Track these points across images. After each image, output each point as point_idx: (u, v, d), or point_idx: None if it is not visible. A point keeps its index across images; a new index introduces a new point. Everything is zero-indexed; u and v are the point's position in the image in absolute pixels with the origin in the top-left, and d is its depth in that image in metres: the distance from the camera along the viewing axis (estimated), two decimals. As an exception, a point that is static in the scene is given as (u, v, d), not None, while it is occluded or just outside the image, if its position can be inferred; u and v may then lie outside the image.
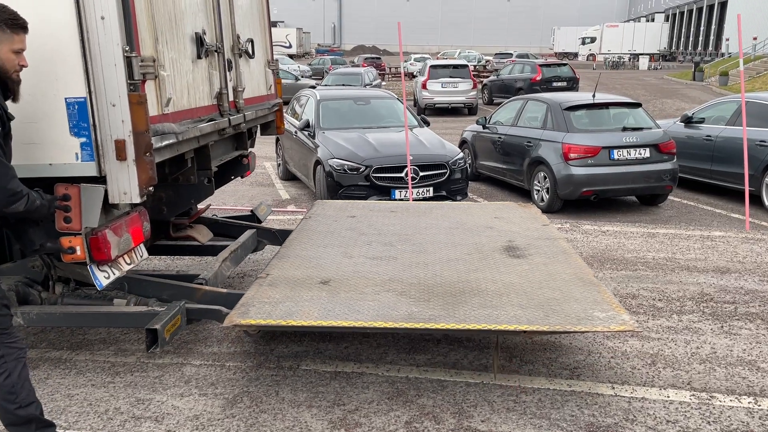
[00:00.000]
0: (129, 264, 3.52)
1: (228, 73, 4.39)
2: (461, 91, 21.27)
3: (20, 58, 2.75)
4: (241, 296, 3.63)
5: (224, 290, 3.99)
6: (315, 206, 5.89)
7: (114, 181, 3.09)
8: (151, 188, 3.17)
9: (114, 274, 3.38)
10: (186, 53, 3.72)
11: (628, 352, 4.11)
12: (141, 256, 3.66)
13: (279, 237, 5.34)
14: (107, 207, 3.18)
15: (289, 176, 10.69)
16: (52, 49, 2.95)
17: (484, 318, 3.33)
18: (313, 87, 17.83)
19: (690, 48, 58.55)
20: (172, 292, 3.93)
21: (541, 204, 8.54)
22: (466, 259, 4.33)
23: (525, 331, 3.27)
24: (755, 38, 36.30)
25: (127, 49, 2.98)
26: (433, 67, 21.98)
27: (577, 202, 8.51)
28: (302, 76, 31.61)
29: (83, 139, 3.04)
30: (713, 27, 52.68)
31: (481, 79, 27.95)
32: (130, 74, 3.00)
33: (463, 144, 11.28)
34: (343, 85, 21.27)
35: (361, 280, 3.89)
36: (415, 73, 32.07)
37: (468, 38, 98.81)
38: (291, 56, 53.31)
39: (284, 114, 11.04)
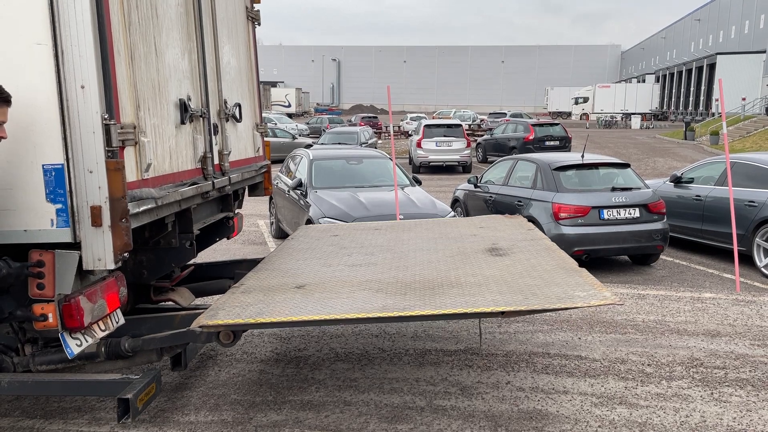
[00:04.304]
0: (104, 331, 3.46)
1: (213, 137, 4.43)
2: (455, 149, 21.58)
3: (0, 130, 2.78)
4: None
5: (201, 309, 4.00)
6: (298, 230, 5.93)
7: (88, 247, 3.06)
8: (126, 254, 3.15)
9: (87, 342, 3.31)
10: (169, 119, 3.76)
11: (616, 420, 4.00)
12: (117, 322, 3.59)
13: None
14: (82, 273, 3.15)
15: (282, 235, 10.67)
16: (32, 117, 2.98)
17: (462, 304, 3.21)
18: (309, 146, 18.08)
19: (681, 107, 59.71)
20: (149, 325, 3.95)
21: (532, 264, 8.49)
22: (448, 260, 4.27)
23: (503, 313, 3.14)
24: (744, 99, 37.14)
25: (106, 116, 3.00)
26: (427, 126, 22.36)
27: (568, 261, 8.46)
28: (300, 135, 32.09)
29: (59, 206, 3.03)
30: (703, 87, 53.89)
31: (476, 138, 28.39)
32: (108, 141, 3.02)
33: (455, 202, 11.34)
34: (340, 143, 21.59)
35: (337, 283, 3.82)
36: (410, 132, 32.59)
37: (464, 97, 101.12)
38: (290, 115, 54.31)
39: (279, 173, 11.23)
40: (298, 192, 9.25)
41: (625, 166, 9.22)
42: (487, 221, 5.75)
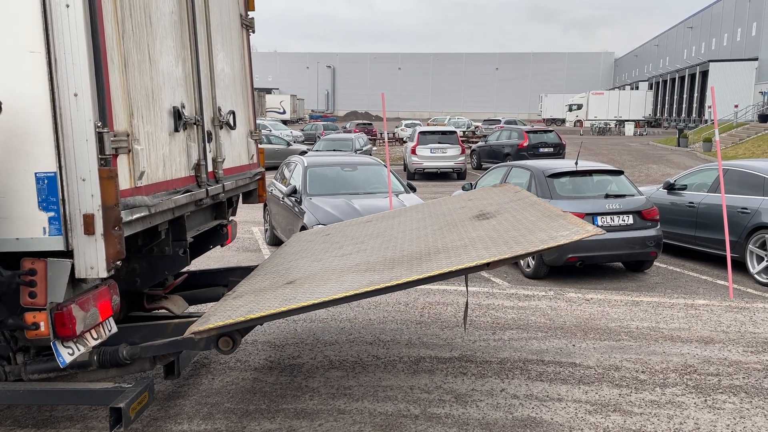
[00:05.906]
0: (96, 339, 3.44)
1: (207, 144, 4.42)
2: (450, 156, 21.63)
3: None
4: None
5: (195, 317, 4.00)
6: (292, 237, 5.96)
7: (81, 255, 3.05)
8: (119, 262, 3.13)
9: (79, 350, 3.29)
10: (163, 126, 3.76)
11: (610, 428, 4.00)
12: (109, 331, 3.57)
13: None
14: (74, 281, 3.13)
15: (276, 242, 10.66)
16: (24, 125, 2.96)
17: (447, 265, 3.22)
18: (304, 152, 18.09)
19: (674, 114, 59.99)
20: (143, 333, 3.94)
21: (527, 270, 8.52)
22: (435, 233, 4.30)
23: (488, 265, 3.15)
24: (736, 106, 37.39)
25: (99, 124, 3.00)
26: (422, 133, 22.39)
27: (563, 268, 8.50)
28: (295, 142, 32.10)
29: (52, 214, 3.02)
30: (696, 95, 54.17)
31: (470, 145, 28.45)
32: (101, 149, 3.01)
33: (449, 210, 11.35)
34: (334, 150, 21.61)
35: (326, 272, 3.82)
36: (405, 139, 32.64)
37: (458, 104, 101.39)
38: (285, 122, 54.36)
39: (273, 180, 11.23)
40: (293, 199, 9.25)
41: (619, 173, 9.26)
42: (476, 194, 5.75)
